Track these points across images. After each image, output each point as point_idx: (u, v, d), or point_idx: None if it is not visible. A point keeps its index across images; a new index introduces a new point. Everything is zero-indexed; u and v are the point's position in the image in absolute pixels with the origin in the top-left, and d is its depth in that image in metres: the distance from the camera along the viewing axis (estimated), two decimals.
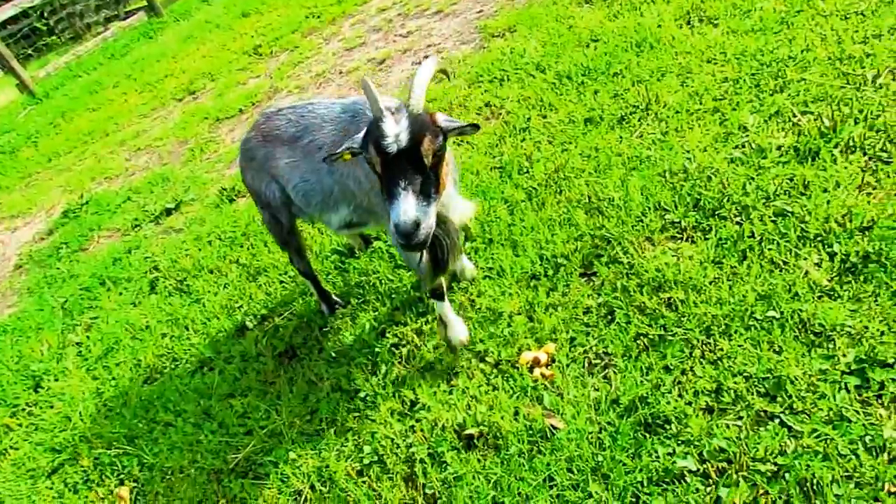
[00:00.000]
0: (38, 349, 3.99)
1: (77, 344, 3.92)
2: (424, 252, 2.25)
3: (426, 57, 1.95)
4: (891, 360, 1.96)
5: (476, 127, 2.04)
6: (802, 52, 3.35)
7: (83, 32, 13.82)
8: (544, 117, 3.88)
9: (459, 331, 2.65)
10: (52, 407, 3.47)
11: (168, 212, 5.08)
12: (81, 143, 7.73)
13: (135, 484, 2.83)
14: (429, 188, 1.93)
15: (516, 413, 2.34)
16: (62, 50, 13.05)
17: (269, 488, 2.51)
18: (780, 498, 1.81)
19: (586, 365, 2.42)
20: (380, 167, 1.93)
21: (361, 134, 2.03)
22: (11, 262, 5.63)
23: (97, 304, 4.24)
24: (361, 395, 2.70)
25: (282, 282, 3.60)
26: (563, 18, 4.89)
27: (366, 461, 2.43)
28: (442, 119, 2.03)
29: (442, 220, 2.22)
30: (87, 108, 8.88)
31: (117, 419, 3.19)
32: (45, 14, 13.91)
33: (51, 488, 3.00)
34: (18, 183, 7.47)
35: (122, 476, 2.88)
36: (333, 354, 2.97)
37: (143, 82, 8.81)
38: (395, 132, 1.86)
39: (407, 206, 1.84)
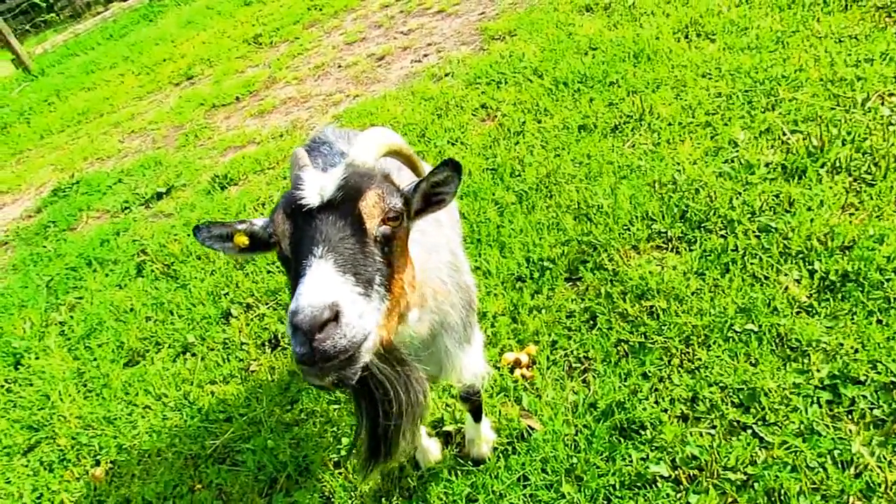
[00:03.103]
0: (21, 326, 3.96)
1: (60, 323, 3.90)
2: (361, 414, 1.31)
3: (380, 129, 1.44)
4: (863, 378, 2.00)
5: (455, 168, 1.33)
6: (796, 71, 3.40)
7: (83, 11, 13.73)
8: (539, 122, 3.91)
9: (430, 453, 2.28)
10: (31, 385, 3.46)
11: (159, 196, 5.06)
12: (75, 123, 7.68)
13: (111, 465, 2.83)
14: (368, 271, 1.17)
15: (496, 412, 2.36)
16: (61, 27, 12.96)
17: (246, 475, 2.52)
18: None
19: (566, 368, 2.45)
20: (288, 240, 1.23)
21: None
22: None
23: (82, 284, 4.22)
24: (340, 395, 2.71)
25: (269, 271, 3.60)
26: (564, 25, 4.93)
27: (343, 453, 2.45)
28: (406, 185, 1.38)
29: (398, 360, 1.29)
30: (82, 87, 8.83)
31: (97, 400, 3.18)
32: None
33: (26, 466, 2.98)
34: (9, 159, 7.40)
35: (98, 457, 2.88)
36: None
37: (140, 65, 8.77)
38: (319, 182, 1.25)
39: (317, 281, 1.08)
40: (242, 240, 1.36)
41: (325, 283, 1.07)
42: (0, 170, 7.18)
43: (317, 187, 1.23)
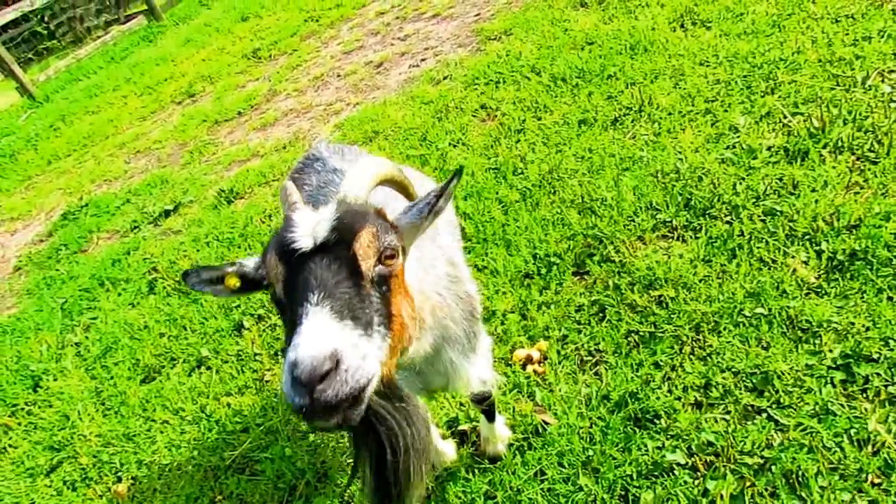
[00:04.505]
0: (38, 349, 4.01)
1: (76, 344, 3.95)
2: (363, 461, 1.29)
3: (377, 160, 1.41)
4: (875, 356, 2.00)
5: (446, 192, 1.35)
6: (793, 54, 3.39)
7: (83, 36, 13.89)
8: (539, 119, 3.92)
9: (445, 454, 2.28)
10: (50, 406, 3.50)
11: (167, 213, 5.11)
12: (81, 146, 7.77)
13: (132, 481, 2.86)
14: (367, 312, 1.14)
15: (509, 409, 2.37)
16: (62, 53, 13.13)
17: (265, 484, 2.54)
18: (766, 490, 1.84)
19: (578, 362, 2.45)
20: (282, 284, 1.20)
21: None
22: (11, 263, 5.66)
23: (96, 304, 4.27)
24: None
25: None
26: (559, 22, 4.94)
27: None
28: (399, 213, 1.36)
29: (398, 396, 1.27)
30: (86, 111, 8.93)
31: (115, 418, 3.22)
32: (46, 18, 13.98)
33: (49, 486, 3.02)
34: (18, 186, 7.50)
35: (120, 473, 2.91)
36: None
37: (142, 85, 8.86)
38: (311, 222, 1.22)
39: (314, 329, 1.05)
40: (234, 282, 1.35)
41: (323, 332, 1.04)
42: (10, 196, 7.27)
43: (309, 229, 1.20)
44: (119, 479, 2.89)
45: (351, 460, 2.45)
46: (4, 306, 4.94)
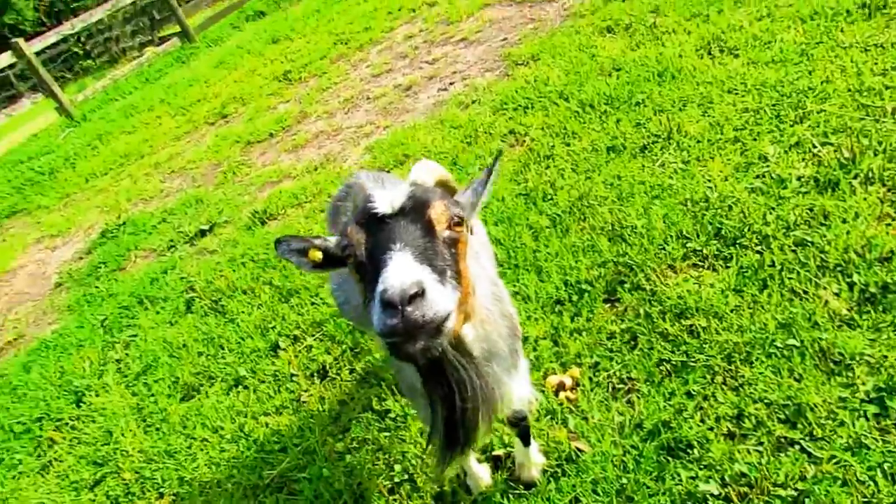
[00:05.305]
0: (80, 365, 4.16)
1: (117, 361, 4.08)
2: (436, 404, 1.43)
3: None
4: None
5: (492, 166, 1.55)
6: (822, 83, 3.42)
7: (118, 56, 14.33)
8: (568, 145, 3.99)
9: (480, 479, 2.33)
10: (94, 421, 3.62)
11: (202, 233, 5.26)
12: (117, 165, 8.01)
13: (174, 497, 2.95)
14: (441, 264, 1.28)
15: (543, 435, 2.42)
16: (99, 74, 13.56)
17: None
18: None
19: (610, 389, 2.50)
20: (364, 245, 1.33)
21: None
22: (52, 280, 5.86)
23: (135, 322, 4.41)
24: (392, 415, 2.80)
25: (313, 303, 3.73)
26: (586, 48, 5.02)
27: (396, 479, 2.53)
28: (459, 193, 1.55)
29: (468, 353, 1.45)
30: (122, 130, 9.20)
31: (156, 434, 3.33)
32: (82, 39, 14.47)
33: (93, 500, 3.13)
34: (57, 203, 7.75)
35: (161, 490, 3.01)
36: (364, 375, 3.09)
37: (176, 106, 9.11)
38: (389, 196, 1.35)
39: (401, 265, 1.19)
40: (317, 255, 1.47)
41: (408, 267, 1.19)
42: (50, 213, 7.52)
43: (388, 200, 1.34)
44: (161, 496, 2.99)
45: (387, 482, 2.51)
46: (46, 322, 5.12)
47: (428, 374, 1.38)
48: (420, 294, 1.14)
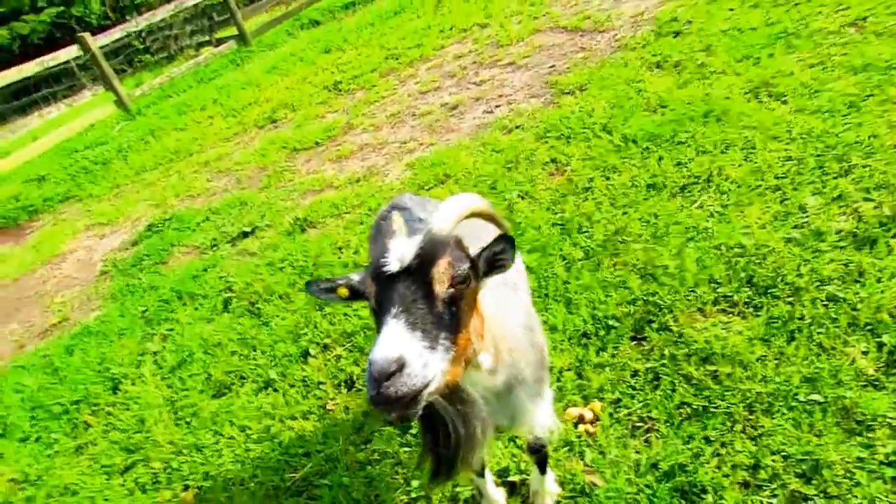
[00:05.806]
0: (120, 354, 4.33)
1: (154, 353, 4.25)
2: (426, 436, 1.59)
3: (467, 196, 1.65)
4: None
5: (509, 241, 1.53)
6: (869, 137, 3.42)
7: (176, 54, 14.84)
8: (607, 178, 4.04)
9: (495, 501, 2.40)
10: (128, 409, 3.78)
11: (244, 234, 5.43)
12: (167, 161, 8.30)
13: (198, 490, 3.07)
14: (435, 327, 1.37)
15: (560, 466, 2.47)
16: (156, 70, 14.04)
17: None
18: None
19: (629, 427, 2.54)
20: (374, 299, 1.46)
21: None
22: (97, 267, 6.10)
23: (174, 316, 4.58)
24: (413, 431, 2.88)
25: (345, 314, 3.83)
26: (633, 82, 5.07)
27: (413, 495, 2.60)
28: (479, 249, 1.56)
29: (461, 400, 1.55)
30: (175, 127, 9.53)
31: (186, 428, 3.46)
32: (143, 34, 15.00)
33: (122, 485, 3.27)
34: (108, 192, 8.06)
35: (187, 482, 3.13)
36: None
37: (228, 107, 9.40)
38: (401, 250, 1.44)
39: (389, 337, 1.29)
40: (344, 292, 1.62)
41: (394, 340, 1.29)
42: (100, 202, 7.82)
43: (399, 255, 1.44)
44: (186, 487, 3.11)
45: (404, 497, 2.59)
46: (90, 307, 5.34)
47: (420, 420, 1.52)
48: (399, 370, 1.24)
